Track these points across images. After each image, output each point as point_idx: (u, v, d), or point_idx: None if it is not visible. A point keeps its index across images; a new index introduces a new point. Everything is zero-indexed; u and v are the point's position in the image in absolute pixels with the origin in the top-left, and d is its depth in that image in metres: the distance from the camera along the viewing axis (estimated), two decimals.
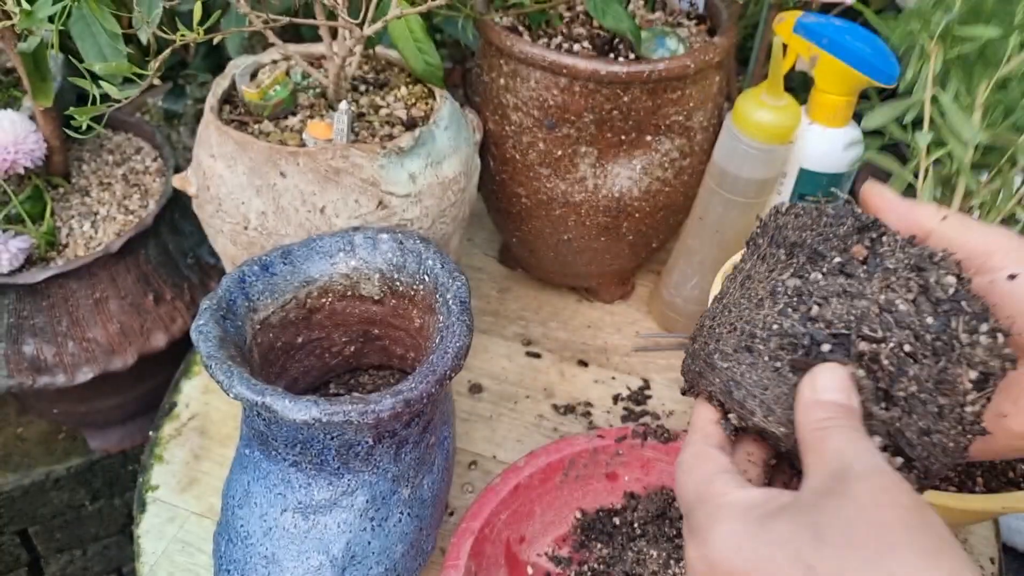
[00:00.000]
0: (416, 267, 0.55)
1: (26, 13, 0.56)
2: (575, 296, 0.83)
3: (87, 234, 0.75)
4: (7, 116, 0.70)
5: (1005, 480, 0.58)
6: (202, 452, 0.68)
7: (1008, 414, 0.32)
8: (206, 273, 0.82)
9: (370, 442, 0.47)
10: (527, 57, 0.61)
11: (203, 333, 0.48)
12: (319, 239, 0.55)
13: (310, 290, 0.56)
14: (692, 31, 0.72)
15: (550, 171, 0.67)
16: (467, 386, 0.73)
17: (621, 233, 0.70)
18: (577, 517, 0.60)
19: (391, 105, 0.63)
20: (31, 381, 0.73)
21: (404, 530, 0.51)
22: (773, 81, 0.61)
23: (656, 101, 0.62)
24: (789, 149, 0.65)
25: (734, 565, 0.26)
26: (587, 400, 0.73)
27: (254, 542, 0.49)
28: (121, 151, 0.83)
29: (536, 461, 0.57)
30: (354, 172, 0.55)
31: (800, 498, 0.26)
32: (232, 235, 0.59)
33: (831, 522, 0.25)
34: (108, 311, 0.73)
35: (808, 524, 0.25)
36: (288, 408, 0.43)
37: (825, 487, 0.26)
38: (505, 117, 0.66)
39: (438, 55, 0.62)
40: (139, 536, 0.63)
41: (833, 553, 0.24)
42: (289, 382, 0.59)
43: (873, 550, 0.23)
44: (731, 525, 0.27)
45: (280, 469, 0.49)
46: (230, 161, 0.56)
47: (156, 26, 0.54)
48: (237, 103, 0.62)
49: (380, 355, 0.63)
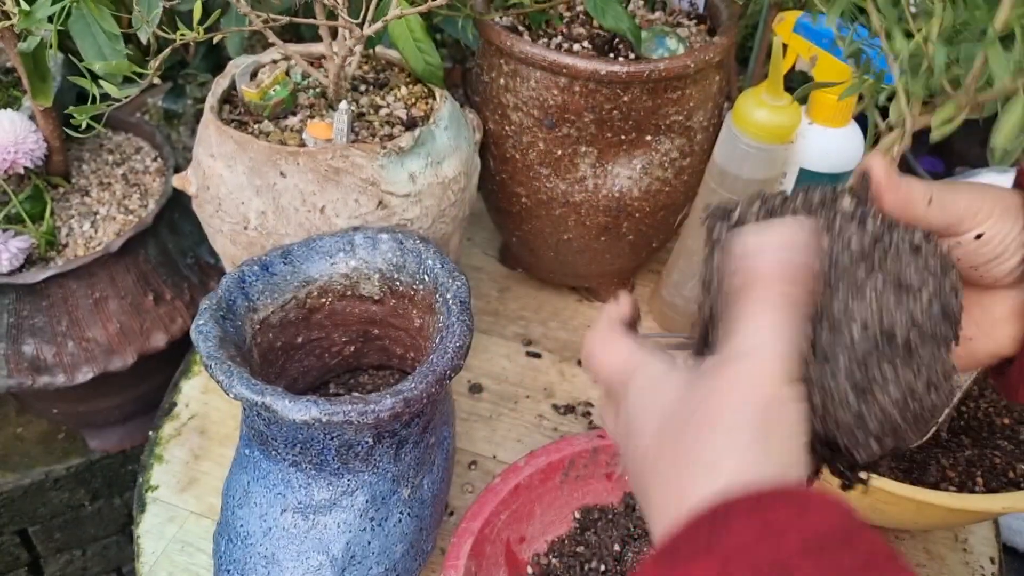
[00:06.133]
0: (416, 267, 0.55)
1: (25, 13, 0.56)
2: (575, 296, 0.83)
3: (87, 234, 0.75)
4: (7, 116, 0.70)
5: (1005, 480, 0.58)
6: (202, 452, 0.68)
7: (973, 337, 0.34)
8: (206, 273, 0.82)
9: (370, 442, 0.47)
10: (527, 57, 0.61)
11: (203, 333, 0.48)
12: (319, 239, 0.55)
13: (310, 290, 0.56)
14: (692, 31, 0.72)
15: (550, 171, 0.67)
16: (467, 386, 0.73)
17: (621, 233, 0.70)
18: (577, 517, 0.60)
19: (391, 105, 0.63)
20: (31, 381, 0.73)
21: (404, 530, 0.51)
22: (773, 81, 0.61)
23: (656, 101, 0.62)
24: (789, 149, 0.65)
25: (631, 407, 0.29)
26: (587, 400, 0.73)
27: (254, 542, 0.49)
28: (121, 151, 0.83)
29: (536, 461, 0.57)
30: (354, 172, 0.55)
31: (702, 365, 0.28)
32: (232, 235, 0.59)
33: (696, 392, 0.27)
34: (108, 311, 0.73)
35: (685, 386, 0.28)
36: (288, 408, 0.43)
37: (720, 359, 0.27)
38: (505, 117, 0.66)
39: (438, 55, 0.62)
40: (139, 536, 0.63)
41: (678, 422, 0.27)
42: (289, 382, 0.59)
43: (707, 428, 0.26)
44: (644, 371, 0.30)
45: (280, 469, 0.49)
46: (230, 161, 0.56)
47: (156, 26, 0.55)
48: (237, 103, 0.62)
49: (380, 355, 0.63)
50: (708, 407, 0.26)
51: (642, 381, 0.30)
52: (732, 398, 0.26)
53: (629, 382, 0.30)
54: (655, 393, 0.29)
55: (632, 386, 0.30)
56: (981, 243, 0.32)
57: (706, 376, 0.27)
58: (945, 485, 0.58)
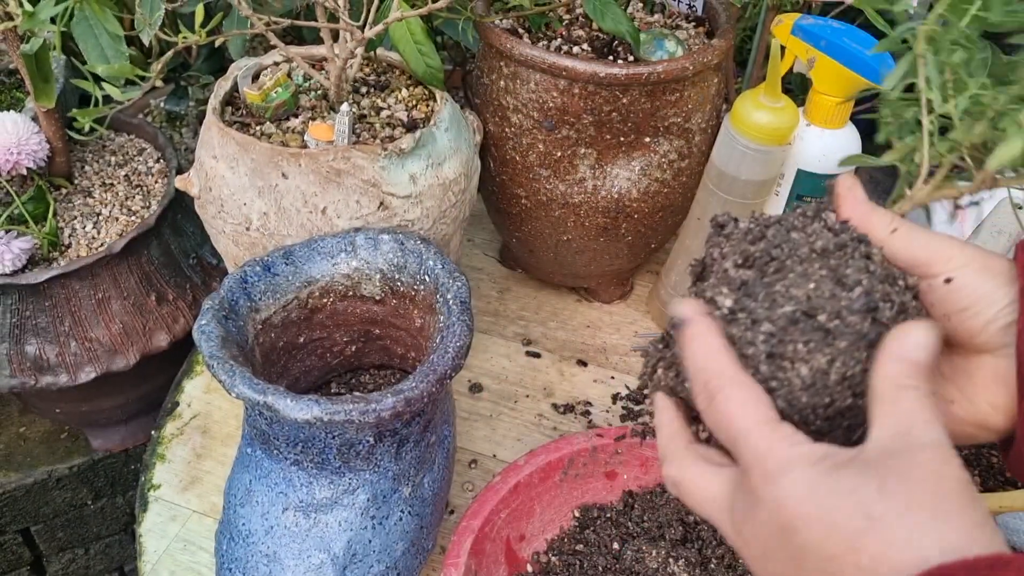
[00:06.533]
0: (417, 267, 0.55)
1: (28, 15, 0.56)
2: (574, 296, 0.84)
3: (90, 235, 0.75)
4: (10, 117, 0.70)
5: (1003, 479, 0.59)
6: (204, 451, 0.69)
7: (954, 401, 0.34)
8: (208, 273, 0.82)
9: (371, 441, 0.48)
10: (527, 59, 0.62)
11: (205, 333, 0.48)
12: (320, 240, 0.56)
13: (312, 290, 0.56)
14: (690, 33, 0.72)
15: (550, 172, 0.67)
16: (467, 385, 0.74)
17: (620, 234, 0.71)
18: (576, 515, 0.60)
19: (392, 107, 0.63)
20: (33, 381, 0.73)
21: (405, 528, 0.52)
22: (771, 83, 0.61)
23: (655, 103, 0.63)
24: (787, 150, 0.65)
25: (803, 510, 0.27)
26: (586, 399, 0.73)
27: (256, 540, 0.50)
28: (124, 152, 0.84)
29: (536, 460, 0.58)
30: (355, 173, 0.56)
31: (866, 451, 0.28)
32: (234, 236, 0.59)
33: (896, 480, 0.26)
34: (110, 311, 0.74)
35: (874, 477, 0.27)
36: (290, 407, 0.44)
37: (892, 446, 0.28)
38: (505, 119, 0.66)
39: (439, 57, 0.63)
40: (141, 535, 0.63)
41: (894, 509, 0.26)
42: (291, 381, 0.59)
43: (930, 513, 0.26)
44: (802, 473, 0.28)
45: (282, 468, 0.49)
46: (232, 162, 0.57)
47: (158, 28, 0.55)
48: (239, 105, 0.63)
49: (381, 355, 0.63)
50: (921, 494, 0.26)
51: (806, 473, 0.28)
52: (945, 485, 0.26)
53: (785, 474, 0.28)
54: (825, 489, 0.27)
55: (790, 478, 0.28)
56: (951, 289, 0.32)
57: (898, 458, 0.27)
58: None
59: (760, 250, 0.32)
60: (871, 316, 0.30)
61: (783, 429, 0.29)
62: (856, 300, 0.30)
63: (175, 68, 0.87)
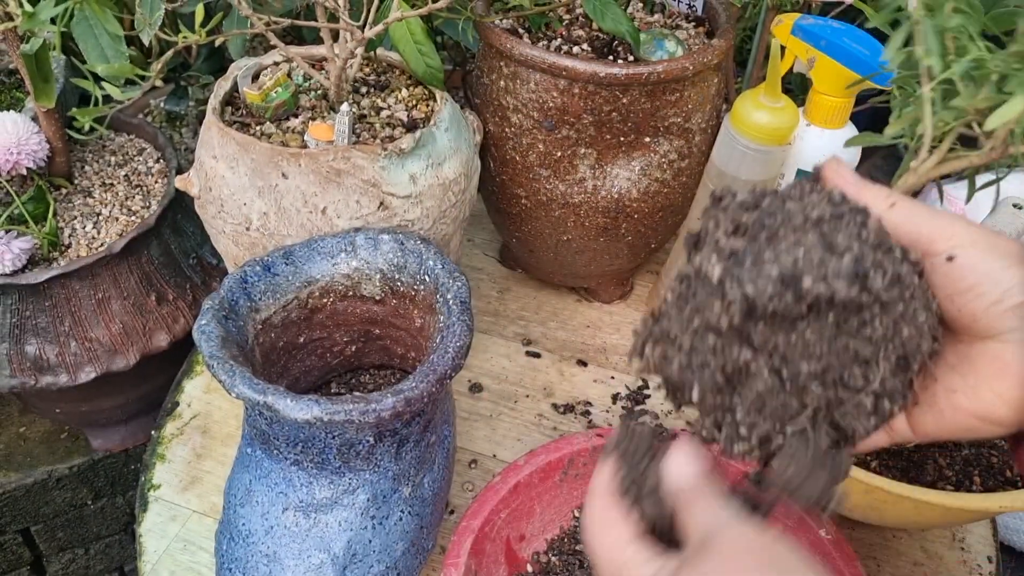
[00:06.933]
0: (417, 267, 0.55)
1: (28, 15, 0.56)
2: (574, 296, 0.84)
3: (90, 234, 0.75)
4: (10, 117, 0.70)
5: (1003, 479, 0.59)
6: (204, 451, 0.69)
7: (957, 389, 0.33)
8: (208, 273, 0.82)
9: (371, 441, 0.48)
10: (527, 59, 0.62)
11: (205, 333, 0.48)
12: (320, 240, 0.56)
13: (312, 290, 0.56)
14: (690, 33, 0.72)
15: (550, 172, 0.67)
16: (467, 385, 0.74)
17: (620, 234, 0.71)
18: (576, 515, 0.60)
19: (392, 107, 0.63)
20: (33, 381, 0.73)
21: (405, 528, 0.52)
22: (771, 83, 0.61)
23: (655, 103, 0.63)
24: (787, 151, 0.65)
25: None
26: (586, 399, 0.73)
27: (256, 540, 0.50)
28: (124, 152, 0.84)
29: (536, 460, 0.58)
30: (355, 173, 0.56)
31: (684, 556, 0.31)
32: (234, 236, 0.59)
33: (704, 571, 0.29)
34: (110, 311, 0.74)
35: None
36: (290, 407, 0.44)
37: (699, 544, 0.31)
38: (505, 119, 0.66)
39: (438, 57, 0.63)
40: (141, 535, 0.63)
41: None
42: (291, 381, 0.59)
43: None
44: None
45: (282, 468, 0.49)
46: (232, 162, 0.57)
47: (158, 28, 0.55)
48: (239, 105, 0.63)
49: (381, 355, 0.63)
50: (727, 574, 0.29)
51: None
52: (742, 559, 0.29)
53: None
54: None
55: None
56: (954, 268, 0.31)
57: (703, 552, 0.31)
58: (942, 484, 0.58)
59: (753, 219, 0.31)
60: (859, 283, 0.29)
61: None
62: (845, 266, 0.29)
63: (175, 68, 0.87)
